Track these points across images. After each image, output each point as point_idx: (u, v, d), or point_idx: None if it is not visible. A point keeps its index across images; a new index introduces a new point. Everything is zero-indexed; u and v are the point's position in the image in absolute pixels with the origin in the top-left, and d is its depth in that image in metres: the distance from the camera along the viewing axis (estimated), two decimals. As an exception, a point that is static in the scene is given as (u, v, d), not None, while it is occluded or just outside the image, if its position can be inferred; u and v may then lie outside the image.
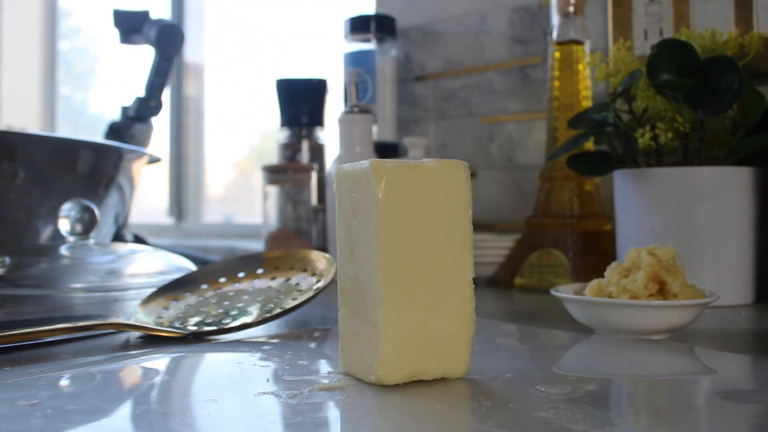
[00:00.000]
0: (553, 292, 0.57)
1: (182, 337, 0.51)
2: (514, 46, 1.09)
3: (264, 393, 0.36)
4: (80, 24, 2.32)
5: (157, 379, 0.41)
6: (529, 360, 0.47)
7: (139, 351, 0.48)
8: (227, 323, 0.54)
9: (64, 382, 0.38)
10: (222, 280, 0.62)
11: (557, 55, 0.89)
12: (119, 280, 0.77)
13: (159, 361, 0.45)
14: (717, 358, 0.48)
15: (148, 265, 0.79)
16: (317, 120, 1.16)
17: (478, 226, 1.12)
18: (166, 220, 1.84)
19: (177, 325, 0.54)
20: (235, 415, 0.33)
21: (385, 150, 1.14)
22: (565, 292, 0.58)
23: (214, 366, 0.44)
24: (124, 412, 0.34)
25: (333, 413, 0.34)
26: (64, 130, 2.21)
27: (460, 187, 0.39)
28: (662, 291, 0.53)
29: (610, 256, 0.83)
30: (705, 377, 0.44)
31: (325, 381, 0.39)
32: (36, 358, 0.45)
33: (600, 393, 0.37)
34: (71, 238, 0.83)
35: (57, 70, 2.23)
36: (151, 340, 0.52)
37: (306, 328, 0.58)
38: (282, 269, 0.62)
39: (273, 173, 1.03)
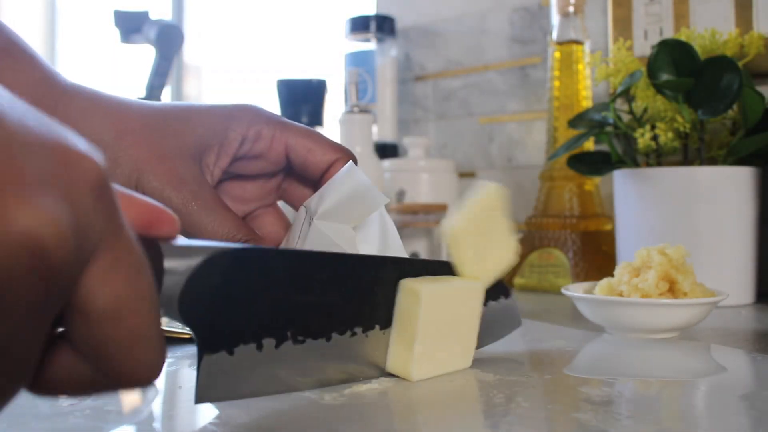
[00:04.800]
0: (564, 291, 0.58)
1: (190, 337, 0.51)
2: (514, 46, 1.09)
3: (302, 394, 0.36)
4: (80, 24, 2.32)
5: (188, 379, 0.41)
6: (555, 360, 0.46)
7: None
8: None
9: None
10: None
11: (557, 55, 0.89)
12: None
13: (184, 361, 0.44)
14: (742, 358, 0.48)
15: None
16: (317, 120, 1.16)
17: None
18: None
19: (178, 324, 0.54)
20: (276, 419, 0.33)
21: (385, 150, 1.14)
22: (573, 291, 0.58)
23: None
24: (159, 412, 0.34)
25: (376, 414, 0.34)
26: (64, 130, 2.20)
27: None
28: (672, 290, 0.54)
29: (610, 256, 0.83)
30: (737, 378, 0.44)
31: (363, 382, 0.38)
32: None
33: (638, 394, 0.37)
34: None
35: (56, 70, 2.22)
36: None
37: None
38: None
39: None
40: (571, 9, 0.88)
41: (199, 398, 0.29)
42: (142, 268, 0.21)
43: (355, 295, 0.36)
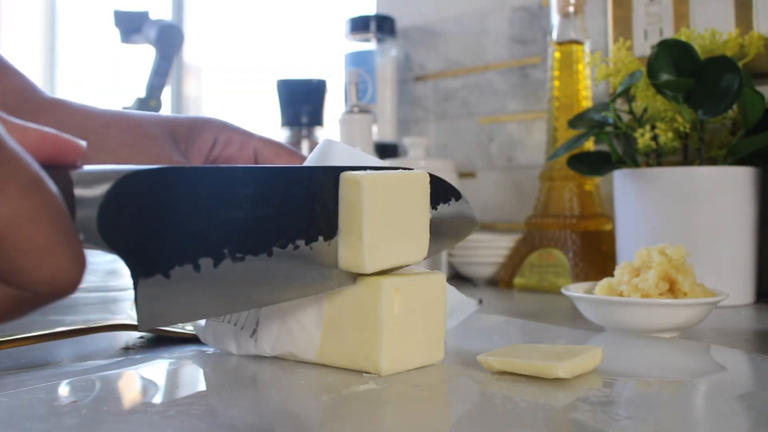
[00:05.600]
0: (564, 291, 0.58)
1: (190, 337, 0.51)
2: (514, 46, 1.09)
3: (298, 394, 0.36)
4: (80, 24, 2.32)
5: (186, 379, 0.41)
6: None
7: (157, 352, 0.47)
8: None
9: (97, 384, 0.38)
10: None
11: (557, 55, 0.89)
12: (119, 280, 0.77)
13: (184, 361, 0.44)
14: (742, 358, 0.48)
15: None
16: (317, 120, 1.16)
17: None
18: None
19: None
20: (274, 418, 0.33)
21: (385, 150, 1.14)
22: (574, 291, 0.58)
23: (242, 366, 0.43)
24: (156, 412, 0.34)
25: (374, 414, 0.34)
26: (64, 130, 2.21)
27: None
28: (672, 290, 0.54)
29: (610, 256, 0.83)
30: (736, 378, 0.43)
31: (362, 382, 0.38)
32: (38, 361, 0.45)
33: (637, 395, 0.37)
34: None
35: (56, 71, 2.23)
36: (155, 341, 0.51)
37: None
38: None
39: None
40: (571, 9, 0.88)
41: (142, 325, 0.29)
42: (36, 181, 0.22)
43: (289, 208, 0.36)
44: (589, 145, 0.89)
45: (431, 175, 0.43)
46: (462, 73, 1.16)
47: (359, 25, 1.16)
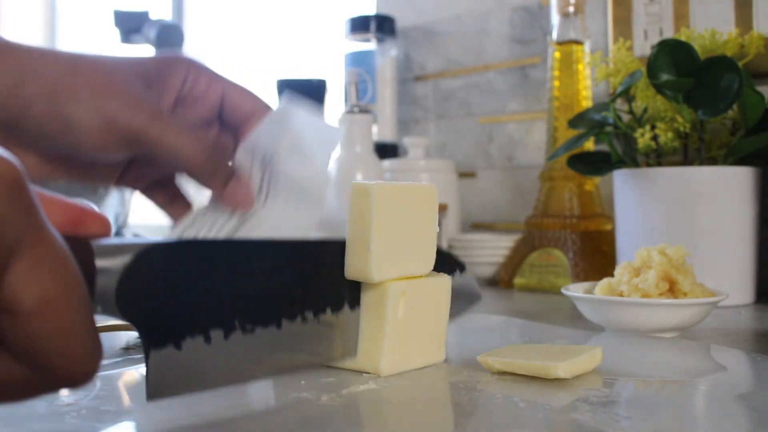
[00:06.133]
0: (564, 291, 0.58)
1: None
2: (514, 46, 1.09)
3: (299, 394, 0.36)
4: (80, 24, 2.32)
5: None
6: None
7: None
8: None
9: (97, 384, 0.38)
10: None
11: (557, 55, 0.89)
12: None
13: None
14: (742, 358, 0.48)
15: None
16: (317, 120, 1.15)
17: (478, 226, 1.12)
18: (166, 220, 1.83)
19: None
20: (273, 418, 0.33)
21: (385, 150, 1.14)
22: (574, 291, 0.58)
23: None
24: (155, 412, 0.34)
25: (374, 414, 0.34)
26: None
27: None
28: (672, 290, 0.54)
29: (610, 256, 0.83)
30: (736, 378, 0.43)
31: (362, 382, 0.38)
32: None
33: (637, 395, 0.37)
34: (71, 238, 0.82)
35: None
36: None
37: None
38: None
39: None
40: (571, 9, 0.88)
41: (150, 395, 0.29)
42: (67, 264, 0.22)
43: (300, 280, 0.36)
44: (589, 145, 0.89)
45: (439, 249, 0.43)
46: (462, 73, 1.16)
47: (359, 25, 1.16)
